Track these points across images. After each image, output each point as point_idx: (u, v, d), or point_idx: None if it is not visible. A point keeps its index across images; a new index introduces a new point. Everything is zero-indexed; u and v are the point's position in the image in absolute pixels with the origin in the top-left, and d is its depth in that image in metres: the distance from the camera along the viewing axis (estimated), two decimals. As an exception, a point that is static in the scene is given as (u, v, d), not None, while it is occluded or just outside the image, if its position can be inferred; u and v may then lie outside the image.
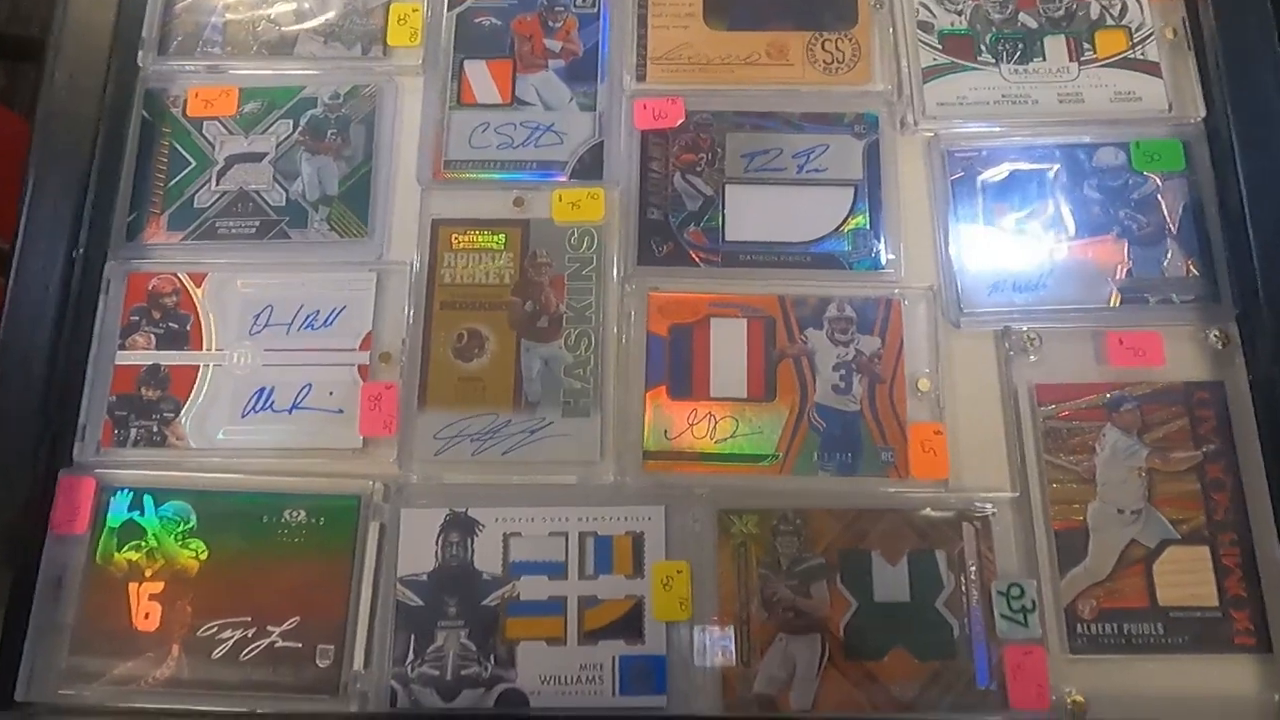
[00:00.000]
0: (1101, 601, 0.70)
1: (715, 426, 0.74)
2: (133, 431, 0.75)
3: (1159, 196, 0.79)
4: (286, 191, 0.81)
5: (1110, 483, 0.72)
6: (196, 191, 0.81)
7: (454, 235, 0.79)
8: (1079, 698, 0.68)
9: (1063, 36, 0.83)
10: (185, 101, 0.84)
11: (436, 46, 0.84)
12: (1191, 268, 0.77)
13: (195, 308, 0.78)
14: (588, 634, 0.70)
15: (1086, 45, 0.83)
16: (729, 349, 0.76)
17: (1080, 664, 0.69)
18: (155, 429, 0.75)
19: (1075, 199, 0.79)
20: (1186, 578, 0.70)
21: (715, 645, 0.69)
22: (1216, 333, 0.75)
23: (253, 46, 0.85)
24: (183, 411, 0.75)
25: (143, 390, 0.76)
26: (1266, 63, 0.79)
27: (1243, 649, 0.69)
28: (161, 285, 0.78)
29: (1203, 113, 0.80)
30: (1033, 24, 0.84)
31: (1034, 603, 0.69)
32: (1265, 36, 0.80)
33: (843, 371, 0.75)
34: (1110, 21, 0.83)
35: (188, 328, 0.77)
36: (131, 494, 0.73)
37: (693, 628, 0.69)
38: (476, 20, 0.85)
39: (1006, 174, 0.80)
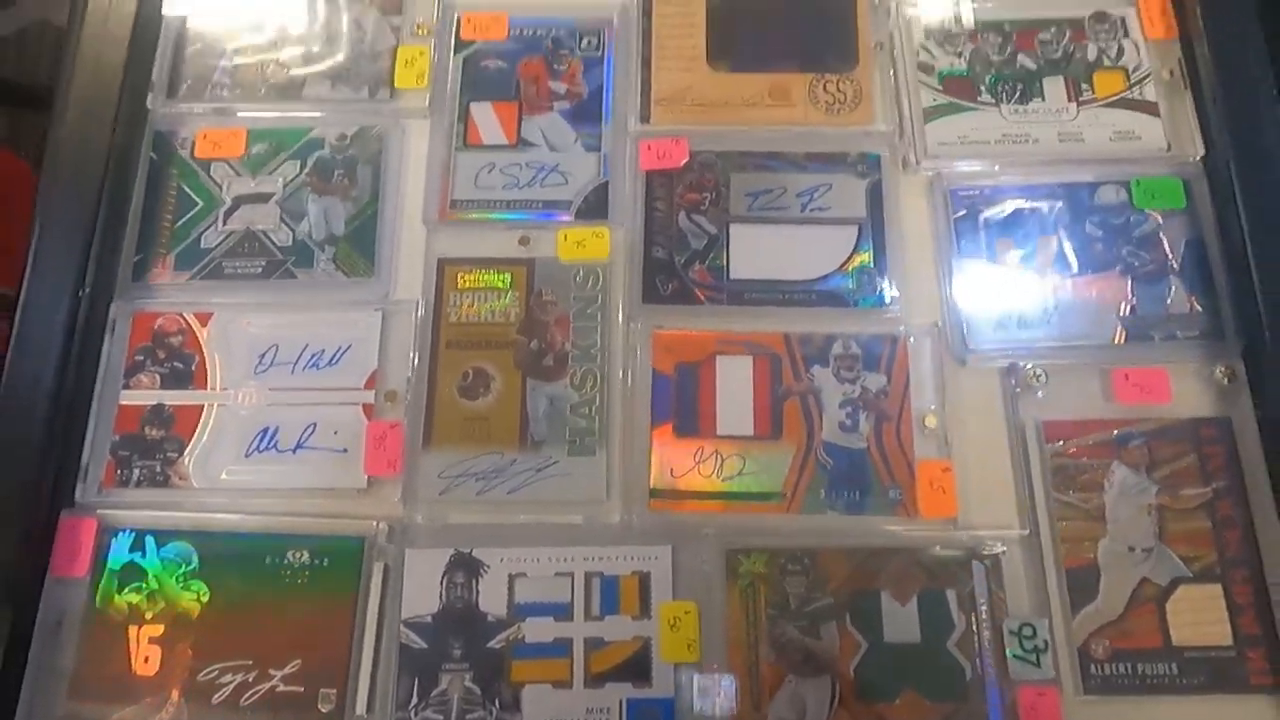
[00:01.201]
0: (1114, 641, 0.69)
1: (722, 464, 0.74)
2: (135, 471, 0.74)
3: (1161, 233, 0.80)
4: (293, 232, 0.81)
5: (1120, 520, 0.72)
6: (203, 232, 0.82)
7: (460, 274, 0.80)
8: (1094, 740, 0.67)
9: (1061, 77, 0.84)
10: (193, 143, 0.84)
11: (443, 89, 0.85)
12: (1195, 304, 0.77)
13: (200, 347, 0.78)
14: (594, 676, 0.69)
15: (1085, 86, 0.84)
16: (735, 387, 0.76)
17: (1094, 705, 0.68)
18: (158, 469, 0.74)
19: (1078, 236, 0.80)
20: (1200, 616, 0.69)
21: (724, 687, 0.68)
22: (1222, 368, 0.75)
23: (261, 89, 0.86)
24: (186, 451, 0.75)
25: (147, 430, 0.75)
26: (1264, 102, 0.79)
27: (1259, 689, 0.68)
28: (167, 325, 0.78)
29: (1201, 151, 0.81)
30: (1031, 65, 0.85)
31: (1046, 643, 0.68)
32: (1262, 76, 0.80)
33: (849, 409, 0.75)
34: (1108, 63, 0.85)
35: (192, 367, 0.77)
36: (133, 535, 0.73)
37: (701, 669, 0.68)
38: (483, 63, 0.86)
39: (1009, 212, 0.81)
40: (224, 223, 0.82)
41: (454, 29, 0.87)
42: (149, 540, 0.72)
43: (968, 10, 0.86)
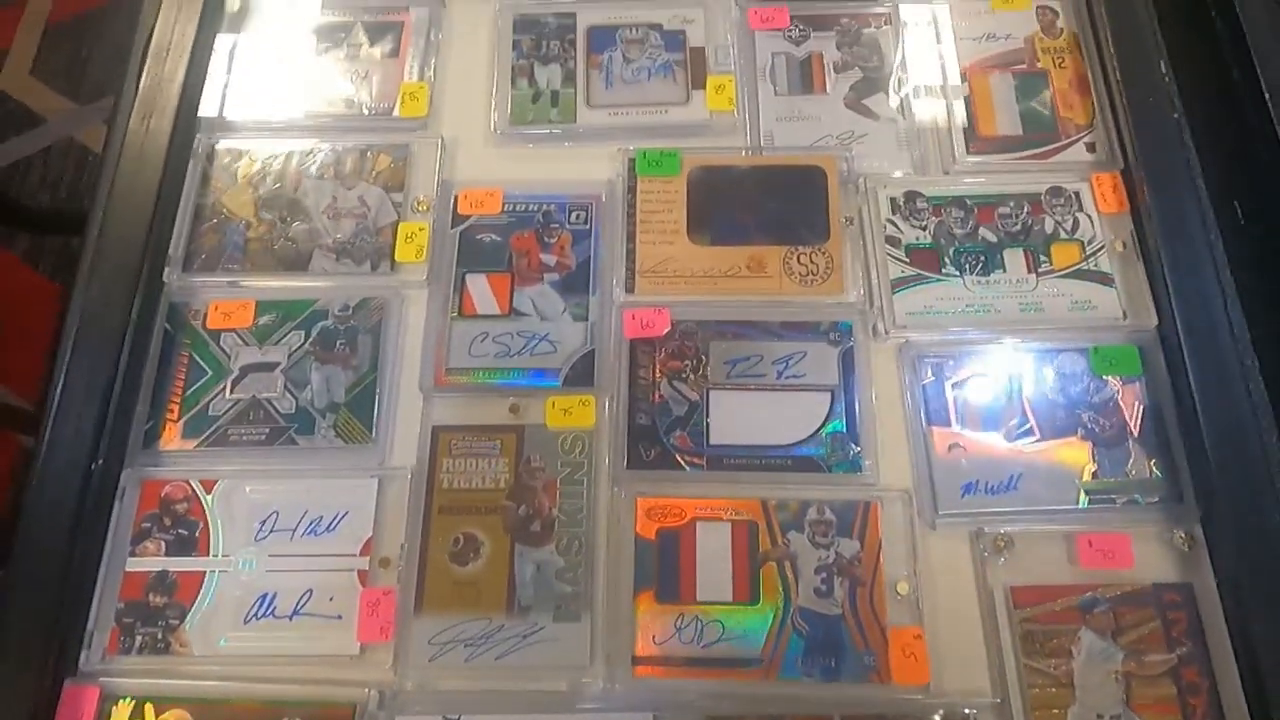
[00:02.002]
0: (1087, 811, 0.70)
1: (702, 630, 0.77)
2: (138, 639, 0.77)
3: (1119, 400, 0.84)
4: (296, 399, 0.86)
5: (1088, 687, 0.74)
6: (211, 400, 0.86)
7: (453, 441, 0.84)
8: None
9: (1021, 250, 0.90)
10: (205, 314, 0.89)
11: (440, 261, 0.91)
12: (1154, 469, 0.81)
13: (204, 514, 0.81)
14: (577, 847, 0.71)
15: (1043, 257, 0.89)
16: (714, 552, 0.79)
17: None
18: (160, 636, 0.77)
19: (1040, 402, 0.84)
20: (1169, 786, 0.71)
21: None
22: (1182, 535, 0.78)
23: (270, 263, 0.91)
24: (187, 618, 0.78)
25: (150, 597, 0.79)
26: (1209, 274, 0.84)
27: None
28: (174, 492, 0.82)
29: (1155, 321, 0.86)
30: (992, 238, 0.90)
31: (1019, 814, 0.70)
32: (1209, 248, 0.85)
33: (824, 574, 0.78)
34: (1064, 235, 0.90)
35: (196, 534, 0.81)
36: (133, 703, 0.75)
37: (681, 841, 0.70)
38: (478, 237, 0.92)
39: (974, 378, 0.85)
40: (231, 391, 0.87)
41: (451, 205, 0.93)
42: (148, 708, 0.75)
43: (932, 187, 0.92)
